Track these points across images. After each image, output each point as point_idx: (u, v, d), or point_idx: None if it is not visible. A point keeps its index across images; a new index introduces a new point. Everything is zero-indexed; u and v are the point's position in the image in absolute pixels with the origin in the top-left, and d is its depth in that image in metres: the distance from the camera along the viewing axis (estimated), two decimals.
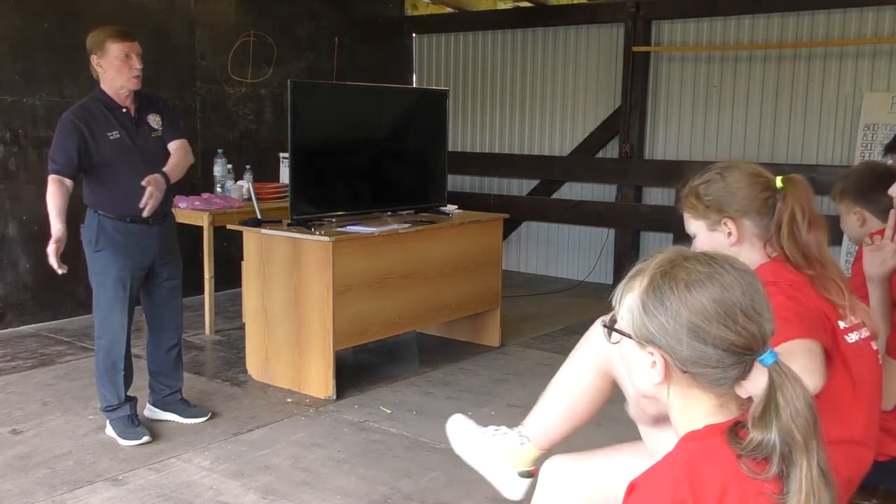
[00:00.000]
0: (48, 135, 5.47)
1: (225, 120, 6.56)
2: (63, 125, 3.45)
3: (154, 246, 3.64)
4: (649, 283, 1.31)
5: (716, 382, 1.29)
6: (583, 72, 7.37)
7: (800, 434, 1.21)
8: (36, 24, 5.39)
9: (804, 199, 1.89)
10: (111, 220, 3.54)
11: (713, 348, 1.26)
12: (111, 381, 3.63)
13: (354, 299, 4.23)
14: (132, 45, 3.52)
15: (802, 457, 1.21)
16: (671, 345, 1.28)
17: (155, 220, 3.60)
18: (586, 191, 7.42)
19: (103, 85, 3.55)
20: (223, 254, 5.63)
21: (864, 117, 5.99)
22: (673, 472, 1.24)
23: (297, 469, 3.40)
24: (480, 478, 3.35)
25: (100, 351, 3.65)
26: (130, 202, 3.45)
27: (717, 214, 1.95)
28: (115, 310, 3.58)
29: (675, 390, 1.32)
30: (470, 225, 5.02)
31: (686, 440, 1.30)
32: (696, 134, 6.84)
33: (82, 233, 3.61)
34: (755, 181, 1.93)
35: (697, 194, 1.98)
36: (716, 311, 1.26)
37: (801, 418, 1.22)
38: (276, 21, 6.84)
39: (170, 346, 3.84)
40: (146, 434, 3.63)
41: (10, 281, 5.42)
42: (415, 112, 5.24)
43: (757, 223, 1.93)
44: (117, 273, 3.55)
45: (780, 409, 1.22)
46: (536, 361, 4.93)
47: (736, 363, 1.27)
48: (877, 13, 5.97)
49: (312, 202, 4.46)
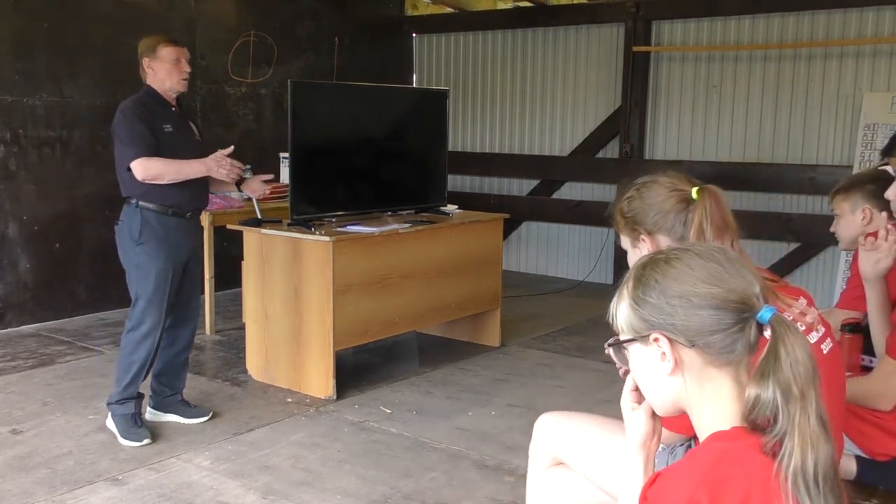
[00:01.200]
0: (48, 135, 5.50)
1: (225, 120, 6.56)
2: (127, 114, 3.53)
3: (189, 241, 3.74)
4: (633, 281, 1.35)
5: (725, 351, 1.27)
6: (583, 72, 7.37)
7: (797, 385, 1.20)
8: (36, 24, 5.39)
9: (711, 210, 1.88)
10: (154, 214, 3.59)
11: (709, 309, 1.27)
12: (133, 375, 3.63)
13: (354, 299, 4.23)
14: (182, 51, 3.69)
15: (797, 406, 1.20)
16: (669, 321, 1.29)
17: (193, 215, 3.72)
18: (586, 191, 7.42)
19: (153, 84, 3.65)
20: (223, 254, 5.63)
21: (864, 117, 5.99)
22: (696, 471, 1.21)
23: (297, 469, 3.40)
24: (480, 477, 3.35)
25: (129, 343, 3.64)
26: (177, 196, 3.58)
27: (634, 231, 1.99)
28: (154, 303, 3.61)
29: (690, 377, 1.30)
30: (470, 225, 5.02)
31: (712, 439, 1.27)
32: (697, 134, 6.84)
33: (119, 229, 3.64)
34: (669, 195, 1.95)
35: (621, 211, 2.03)
36: (700, 275, 1.29)
37: (800, 366, 1.21)
38: (277, 21, 6.84)
39: (183, 348, 3.88)
40: (147, 436, 3.63)
41: (11, 281, 5.42)
42: (415, 112, 5.24)
43: (672, 238, 1.93)
44: (161, 265, 3.60)
45: (780, 360, 1.21)
46: (536, 361, 4.93)
47: (736, 323, 1.26)
48: (877, 13, 5.97)
49: (312, 202, 4.46)
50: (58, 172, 5.56)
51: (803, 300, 1.91)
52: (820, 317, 1.94)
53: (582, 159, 7.37)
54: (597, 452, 2.01)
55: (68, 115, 5.60)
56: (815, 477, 1.18)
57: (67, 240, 5.66)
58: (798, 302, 1.89)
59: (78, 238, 5.71)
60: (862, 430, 2.32)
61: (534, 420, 2.25)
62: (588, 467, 2.02)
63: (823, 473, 1.18)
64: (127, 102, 3.59)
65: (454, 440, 3.73)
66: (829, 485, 1.19)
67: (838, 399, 1.93)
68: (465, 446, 3.66)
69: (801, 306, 1.88)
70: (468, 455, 3.57)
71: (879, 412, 2.32)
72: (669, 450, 1.97)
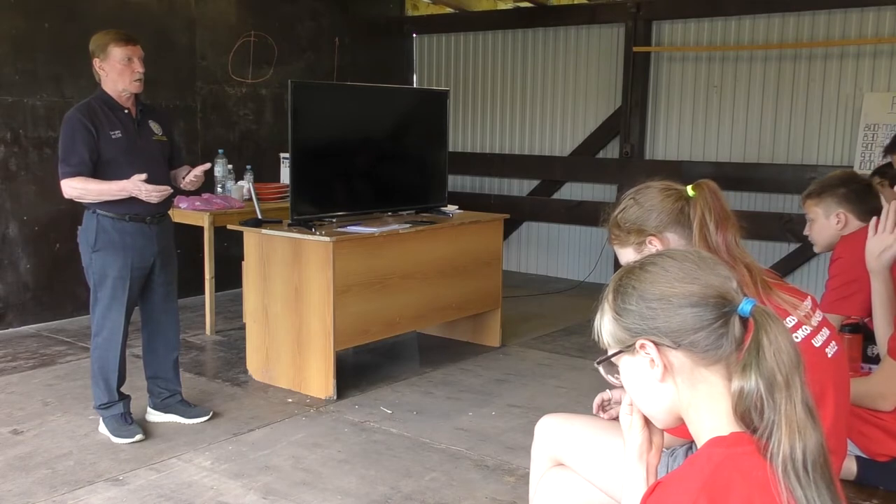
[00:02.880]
0: (49, 135, 5.50)
1: (225, 120, 6.56)
2: (70, 124, 3.46)
3: (153, 246, 3.64)
4: (612, 293, 1.36)
5: (712, 349, 1.26)
6: (583, 72, 7.37)
7: (781, 374, 1.20)
8: (36, 24, 5.40)
9: (711, 202, 1.91)
10: (110, 220, 3.54)
11: (688, 308, 1.27)
12: (104, 380, 3.64)
13: (355, 299, 4.23)
14: (134, 49, 3.54)
15: (782, 395, 1.19)
16: (652, 325, 1.28)
17: (153, 220, 3.63)
18: (587, 191, 7.43)
19: (105, 87, 3.57)
20: (224, 254, 5.63)
21: (864, 117, 5.99)
22: (696, 478, 1.19)
23: (297, 469, 3.40)
24: (480, 478, 3.36)
25: (95, 349, 3.66)
26: (130, 201, 3.50)
27: (638, 236, 2.00)
28: (112, 309, 3.59)
29: (682, 381, 1.29)
30: (470, 225, 5.02)
31: (711, 445, 1.25)
32: (697, 134, 6.84)
33: (79, 235, 3.62)
34: (667, 195, 1.98)
35: (618, 224, 2.04)
36: (676, 275, 1.29)
37: (784, 355, 1.21)
38: (277, 21, 6.84)
39: (169, 352, 3.85)
40: (139, 432, 3.64)
41: (11, 281, 5.42)
42: (415, 112, 5.24)
43: (679, 234, 1.96)
44: (117, 272, 3.56)
45: (763, 350, 1.21)
46: (537, 362, 4.93)
47: (717, 318, 1.26)
48: (877, 13, 5.97)
49: (313, 202, 4.46)
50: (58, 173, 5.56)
51: (809, 301, 1.91)
52: (825, 319, 1.93)
53: (582, 159, 7.37)
54: (597, 454, 2.01)
55: None
56: (805, 464, 1.17)
57: (68, 240, 5.65)
58: (804, 304, 1.89)
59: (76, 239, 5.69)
60: (862, 431, 2.32)
61: (534, 420, 2.26)
62: (589, 469, 2.02)
63: (812, 460, 1.18)
64: (72, 111, 3.50)
65: (454, 440, 3.73)
66: (819, 472, 1.18)
67: (845, 401, 1.92)
68: (465, 446, 3.66)
69: (806, 308, 1.88)
70: (468, 455, 3.57)
71: (879, 412, 2.32)
72: (669, 452, 1.97)
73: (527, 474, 2.25)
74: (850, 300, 2.66)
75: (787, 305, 1.84)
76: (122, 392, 3.70)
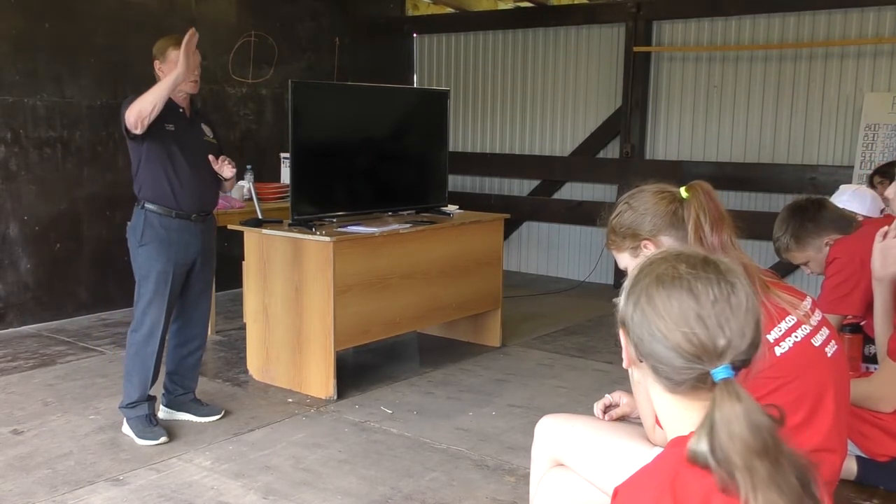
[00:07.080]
0: (49, 135, 5.50)
1: (226, 120, 6.56)
2: (130, 99, 3.49)
3: (197, 243, 3.71)
4: (636, 271, 1.32)
5: (674, 383, 1.24)
6: (583, 72, 7.37)
7: (739, 457, 1.12)
8: (36, 24, 5.40)
9: (706, 203, 1.91)
10: (157, 216, 3.60)
11: (661, 345, 1.23)
12: (139, 377, 3.65)
13: (355, 299, 4.23)
14: None
15: (747, 479, 1.11)
16: (632, 328, 1.28)
17: (198, 217, 3.70)
18: (587, 191, 7.43)
19: None
20: (224, 254, 5.61)
21: (864, 118, 5.99)
22: (656, 479, 1.20)
23: (297, 469, 3.40)
24: (481, 478, 3.36)
25: (132, 345, 3.66)
26: (178, 197, 3.60)
27: (634, 241, 2.01)
28: (154, 304, 3.62)
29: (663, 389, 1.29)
30: (471, 225, 5.02)
31: (672, 445, 1.25)
32: (697, 134, 6.84)
33: (128, 230, 3.67)
34: (660, 199, 1.98)
35: (613, 229, 2.05)
36: (672, 311, 1.23)
37: (738, 442, 1.12)
38: (277, 21, 6.84)
39: (194, 348, 3.89)
40: (163, 434, 3.64)
41: (12, 281, 5.42)
42: (416, 112, 5.24)
43: (675, 236, 1.96)
44: (161, 267, 3.60)
45: (715, 428, 1.14)
46: (537, 362, 4.93)
47: (685, 368, 1.22)
48: (877, 13, 5.97)
49: (313, 202, 4.46)
50: (58, 172, 5.57)
51: (808, 301, 1.91)
52: (824, 318, 1.94)
53: (582, 159, 7.37)
54: (598, 454, 2.01)
55: (69, 115, 5.60)
56: None
57: (68, 240, 5.66)
58: (803, 303, 1.89)
59: (79, 238, 5.71)
60: (862, 431, 2.32)
61: (534, 420, 2.25)
62: (589, 469, 2.03)
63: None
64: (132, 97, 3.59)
65: (455, 440, 3.73)
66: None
67: (845, 400, 1.93)
68: (465, 446, 3.66)
69: (805, 307, 1.89)
70: (469, 455, 3.57)
71: (879, 413, 2.32)
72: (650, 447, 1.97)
73: (527, 474, 2.25)
74: (848, 299, 2.67)
75: (786, 304, 1.85)
76: (150, 394, 3.71)
